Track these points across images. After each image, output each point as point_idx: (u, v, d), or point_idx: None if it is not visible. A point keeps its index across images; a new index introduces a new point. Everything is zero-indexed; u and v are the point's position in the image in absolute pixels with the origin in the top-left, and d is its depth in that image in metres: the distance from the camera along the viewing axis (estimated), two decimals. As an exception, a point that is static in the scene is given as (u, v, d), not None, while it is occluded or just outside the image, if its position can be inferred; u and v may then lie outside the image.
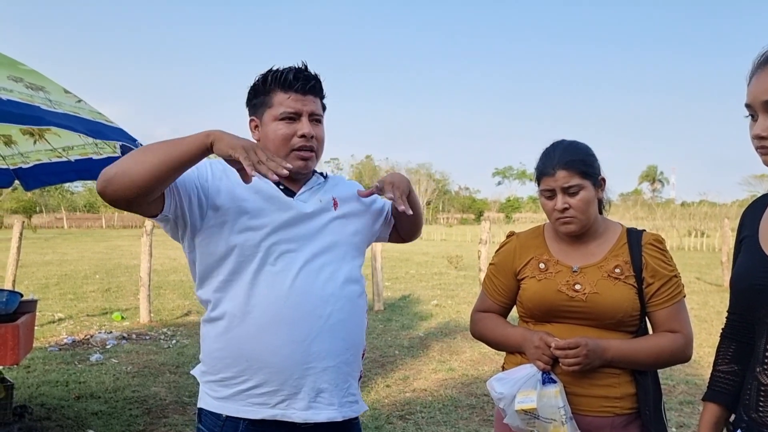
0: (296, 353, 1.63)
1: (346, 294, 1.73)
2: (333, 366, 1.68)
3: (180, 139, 1.49)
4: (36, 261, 17.24)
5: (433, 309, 9.57)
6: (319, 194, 1.79)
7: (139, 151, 1.49)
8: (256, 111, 1.76)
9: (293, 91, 1.69)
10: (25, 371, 5.53)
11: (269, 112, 1.72)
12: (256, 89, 1.76)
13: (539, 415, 1.66)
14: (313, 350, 1.65)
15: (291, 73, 1.70)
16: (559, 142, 1.82)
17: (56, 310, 9.01)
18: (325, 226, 1.75)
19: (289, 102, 1.69)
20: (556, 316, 1.78)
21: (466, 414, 4.54)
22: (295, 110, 1.69)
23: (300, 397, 1.65)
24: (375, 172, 78.03)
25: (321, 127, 1.76)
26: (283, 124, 1.69)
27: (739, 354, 1.52)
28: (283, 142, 1.69)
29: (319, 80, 1.75)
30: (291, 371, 1.63)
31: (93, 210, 67.57)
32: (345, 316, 1.71)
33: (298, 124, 1.69)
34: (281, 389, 1.64)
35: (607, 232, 1.84)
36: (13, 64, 3.31)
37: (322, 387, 1.67)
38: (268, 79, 1.72)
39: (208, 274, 1.69)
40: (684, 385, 5.28)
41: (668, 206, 52.15)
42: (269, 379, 1.63)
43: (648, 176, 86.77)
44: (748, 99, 1.31)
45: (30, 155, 4.32)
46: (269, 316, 1.63)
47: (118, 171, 1.45)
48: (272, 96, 1.71)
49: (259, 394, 1.65)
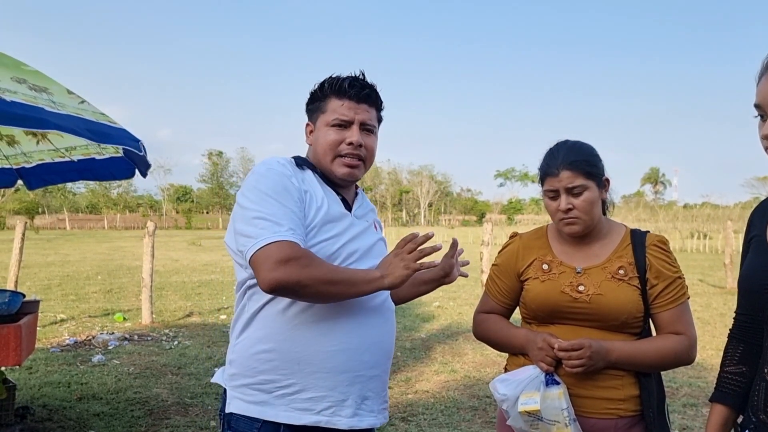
0: (351, 360, 1.64)
1: (389, 306, 1.80)
2: (377, 375, 1.72)
3: (360, 282, 1.58)
4: (38, 262, 17.26)
5: (435, 311, 9.56)
6: (365, 211, 1.85)
7: (324, 282, 1.53)
8: (311, 116, 1.80)
9: (347, 98, 1.71)
10: (27, 372, 5.53)
11: (322, 117, 1.74)
12: (314, 95, 1.78)
13: (543, 417, 1.65)
14: (365, 359, 1.67)
15: (347, 81, 1.72)
16: (563, 143, 1.81)
17: (58, 311, 9.01)
18: (375, 244, 1.79)
19: (342, 109, 1.71)
20: (559, 318, 1.77)
21: (468, 416, 4.53)
22: (347, 118, 1.71)
23: (347, 404, 1.65)
24: (377, 173, 78.09)
25: (373, 137, 1.78)
26: (333, 130, 1.71)
27: (747, 355, 1.51)
28: (331, 147, 1.71)
29: (374, 90, 1.77)
30: (342, 378, 1.63)
31: (95, 211, 67.75)
32: (389, 328, 1.77)
33: (347, 132, 1.71)
34: (329, 395, 1.62)
35: (611, 233, 1.83)
36: (17, 65, 3.32)
37: (367, 395, 1.69)
38: (325, 86, 1.75)
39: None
40: (687, 388, 5.27)
41: (671, 208, 52.12)
42: (318, 384, 1.62)
43: (650, 178, 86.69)
44: (758, 99, 1.31)
45: (33, 155, 4.33)
46: (328, 322, 1.63)
47: (308, 286, 1.51)
48: (327, 102, 1.74)
49: (305, 399, 1.62)
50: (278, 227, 1.53)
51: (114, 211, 65.33)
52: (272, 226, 1.53)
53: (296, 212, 1.59)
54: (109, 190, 72.01)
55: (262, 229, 1.53)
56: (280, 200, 1.57)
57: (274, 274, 1.48)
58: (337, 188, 1.77)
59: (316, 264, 1.53)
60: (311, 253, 1.55)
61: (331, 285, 1.53)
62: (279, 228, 1.52)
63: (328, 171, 1.74)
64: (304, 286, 1.50)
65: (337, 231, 1.68)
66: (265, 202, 1.57)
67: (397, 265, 1.60)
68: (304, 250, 1.54)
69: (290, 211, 1.57)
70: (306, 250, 1.54)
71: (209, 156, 79.28)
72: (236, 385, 1.66)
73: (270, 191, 1.59)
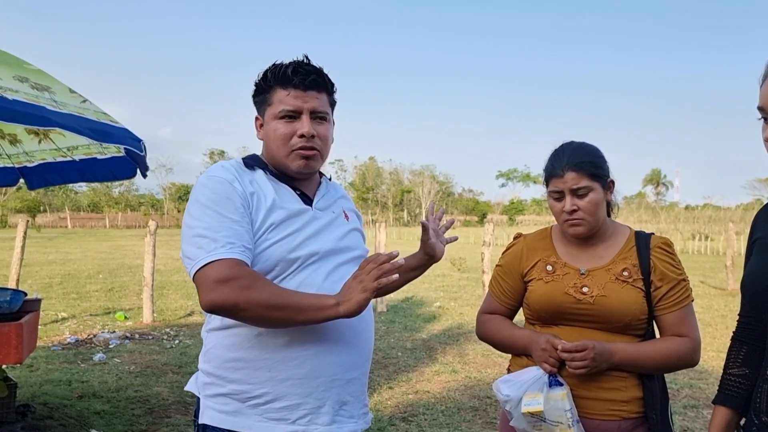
0: (325, 364, 1.55)
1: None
2: (356, 377, 1.63)
3: (310, 309, 1.45)
4: (40, 260, 17.28)
5: (436, 311, 9.55)
6: (331, 201, 1.75)
7: (265, 306, 1.43)
8: (259, 109, 1.69)
9: (292, 87, 1.59)
10: (28, 370, 5.53)
11: (269, 110, 1.63)
12: (258, 86, 1.66)
13: (546, 418, 1.65)
14: (341, 361, 1.58)
15: (290, 67, 1.60)
16: (568, 144, 1.80)
17: (59, 310, 9.02)
18: (345, 236, 1.70)
19: (288, 99, 1.59)
20: (563, 319, 1.77)
21: (469, 416, 4.53)
22: (294, 108, 1.59)
23: (324, 411, 1.56)
24: (378, 173, 78.02)
25: (325, 125, 1.65)
26: (282, 123, 1.60)
27: (750, 357, 1.51)
28: (282, 141, 1.61)
29: (321, 74, 1.64)
30: (317, 384, 1.54)
31: (97, 210, 67.79)
32: (365, 326, 1.66)
33: (297, 123, 1.60)
34: (304, 403, 1.54)
35: (616, 234, 1.83)
36: (20, 64, 3.32)
37: (345, 399, 1.60)
38: (268, 75, 1.63)
39: None
40: (688, 389, 5.26)
41: (672, 210, 52.13)
42: (292, 391, 1.53)
43: (652, 180, 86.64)
44: (761, 102, 1.30)
45: (35, 154, 4.33)
46: (295, 330, 1.53)
47: (246, 310, 1.42)
48: (272, 93, 1.62)
49: (279, 408, 1.53)
50: (215, 244, 1.45)
51: (115, 210, 65.37)
52: (209, 244, 1.45)
53: (238, 221, 1.50)
54: (111, 189, 72.07)
55: (200, 248, 1.45)
56: (220, 210, 1.49)
57: (211, 296, 1.41)
58: (294, 182, 1.67)
59: (258, 286, 1.43)
60: (254, 274, 1.46)
61: (273, 310, 1.43)
62: (215, 245, 1.44)
63: (283, 166, 1.64)
64: (243, 310, 1.42)
65: (294, 228, 1.58)
66: (204, 215, 1.49)
67: (354, 289, 1.45)
68: (245, 270, 1.45)
69: (230, 222, 1.49)
70: (248, 270, 1.46)
71: (211, 155, 79.31)
72: (209, 394, 1.58)
73: (209, 202, 1.51)
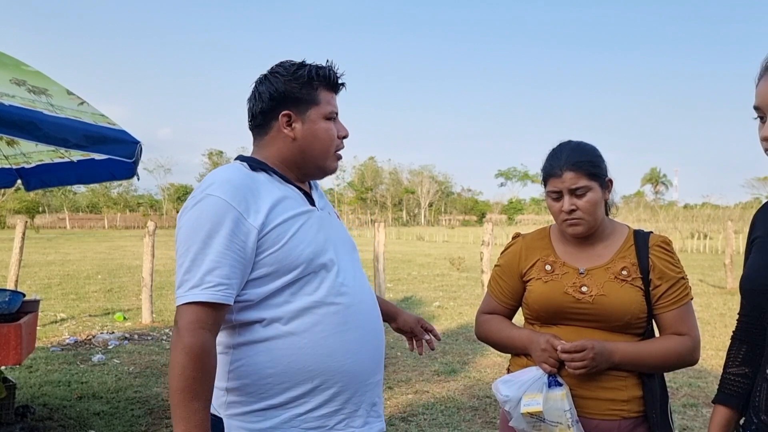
0: (362, 370, 1.59)
1: (376, 305, 1.73)
2: (381, 379, 1.69)
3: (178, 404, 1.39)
4: (38, 261, 17.26)
5: (435, 311, 9.55)
6: (324, 201, 1.75)
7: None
8: (296, 106, 1.60)
9: (333, 90, 1.66)
10: (28, 371, 5.52)
11: (316, 110, 1.61)
12: (301, 82, 1.60)
13: (545, 418, 1.65)
14: (372, 366, 1.63)
15: (331, 72, 1.65)
16: (566, 143, 1.80)
17: (58, 311, 9.01)
18: (344, 238, 1.71)
19: (334, 101, 1.66)
20: (562, 318, 1.77)
21: (468, 416, 4.53)
22: (337, 110, 1.67)
23: (359, 414, 1.59)
24: (377, 173, 78.02)
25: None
26: (331, 124, 1.64)
27: (750, 356, 1.51)
28: (332, 142, 1.64)
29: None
30: (356, 389, 1.57)
31: (95, 210, 67.75)
32: (381, 328, 1.71)
33: (337, 125, 1.66)
34: (344, 408, 1.56)
35: (614, 233, 1.82)
36: (18, 66, 3.31)
37: (375, 400, 1.65)
38: (315, 75, 1.61)
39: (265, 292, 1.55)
40: (687, 388, 5.27)
41: (671, 208, 52.14)
42: (333, 399, 1.54)
43: (651, 178, 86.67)
44: (757, 101, 1.31)
45: (32, 156, 4.33)
46: (335, 337, 1.54)
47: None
48: (318, 93, 1.62)
49: (317, 417, 1.53)
50: (206, 277, 1.41)
51: (114, 211, 65.33)
52: (191, 281, 1.41)
53: (231, 251, 1.43)
54: (110, 190, 72.02)
55: (180, 286, 1.43)
56: (222, 240, 1.43)
57: (175, 339, 1.40)
58: (294, 184, 1.63)
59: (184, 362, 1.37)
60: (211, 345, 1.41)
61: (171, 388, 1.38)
62: (204, 281, 1.41)
63: (321, 166, 1.65)
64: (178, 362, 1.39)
65: (309, 226, 1.57)
66: (199, 243, 1.43)
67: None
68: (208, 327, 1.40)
69: (228, 254, 1.43)
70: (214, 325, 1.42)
71: (209, 155, 79.25)
72: (236, 413, 1.52)
73: (210, 227, 1.44)
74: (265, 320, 1.50)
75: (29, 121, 2.75)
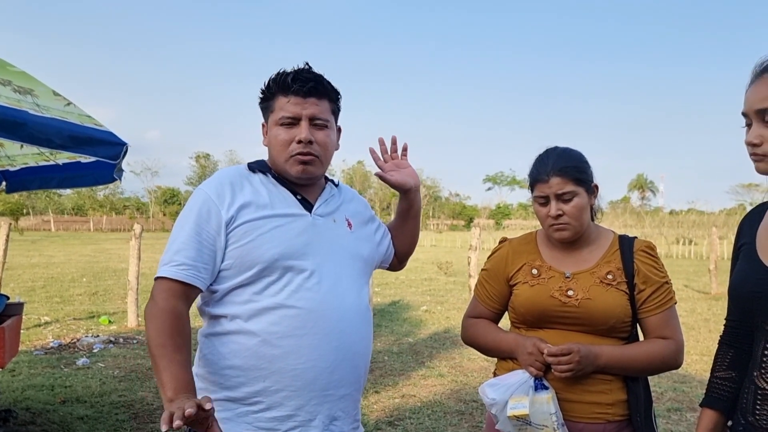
0: (320, 379, 1.59)
1: (365, 318, 1.73)
2: (348, 393, 1.67)
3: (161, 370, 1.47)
4: (22, 263, 17.07)
5: (422, 315, 9.56)
6: (333, 208, 1.77)
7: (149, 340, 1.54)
8: (264, 115, 1.74)
9: (292, 94, 1.63)
10: (11, 375, 5.46)
11: (272, 117, 1.68)
12: (263, 94, 1.71)
13: (531, 421, 1.66)
14: (335, 377, 1.61)
15: (290, 75, 1.64)
16: (552, 149, 1.82)
17: (42, 314, 8.92)
18: (344, 246, 1.72)
19: (289, 106, 1.64)
20: (548, 322, 1.78)
21: (455, 420, 4.54)
22: (293, 114, 1.63)
23: (314, 425, 1.59)
24: (366, 177, 78.07)
25: (326, 131, 1.68)
26: (282, 129, 1.65)
27: (736, 360, 1.53)
28: (282, 147, 1.65)
29: (321, 81, 1.67)
30: (310, 396, 1.58)
31: (81, 213, 67.14)
32: (364, 342, 1.72)
33: (296, 129, 1.64)
34: (296, 414, 1.57)
35: (600, 238, 1.84)
36: (3, 66, 3.29)
37: (336, 414, 1.64)
38: (271, 83, 1.67)
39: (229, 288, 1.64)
40: (672, 393, 5.31)
41: (657, 214, 52.56)
42: (285, 403, 1.56)
43: (637, 185, 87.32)
44: (745, 107, 1.34)
45: (17, 158, 4.30)
46: (296, 338, 1.56)
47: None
48: (275, 100, 1.67)
49: (270, 418, 1.56)
50: (174, 256, 1.58)
51: (100, 213, 64.80)
52: (164, 258, 1.59)
53: (200, 236, 1.58)
54: (96, 192, 71.33)
55: (162, 259, 1.60)
56: (193, 226, 1.59)
57: (149, 305, 1.57)
58: (296, 187, 1.71)
59: (160, 320, 1.52)
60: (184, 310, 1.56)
61: (150, 347, 1.50)
62: (172, 259, 1.58)
63: (283, 171, 1.68)
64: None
65: (274, 226, 1.62)
66: (178, 227, 1.62)
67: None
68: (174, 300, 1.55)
69: (197, 239, 1.58)
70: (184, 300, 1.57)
71: (197, 158, 78.88)
72: None
73: (188, 214, 1.62)
74: (229, 315, 1.61)
75: (14, 121, 2.73)
